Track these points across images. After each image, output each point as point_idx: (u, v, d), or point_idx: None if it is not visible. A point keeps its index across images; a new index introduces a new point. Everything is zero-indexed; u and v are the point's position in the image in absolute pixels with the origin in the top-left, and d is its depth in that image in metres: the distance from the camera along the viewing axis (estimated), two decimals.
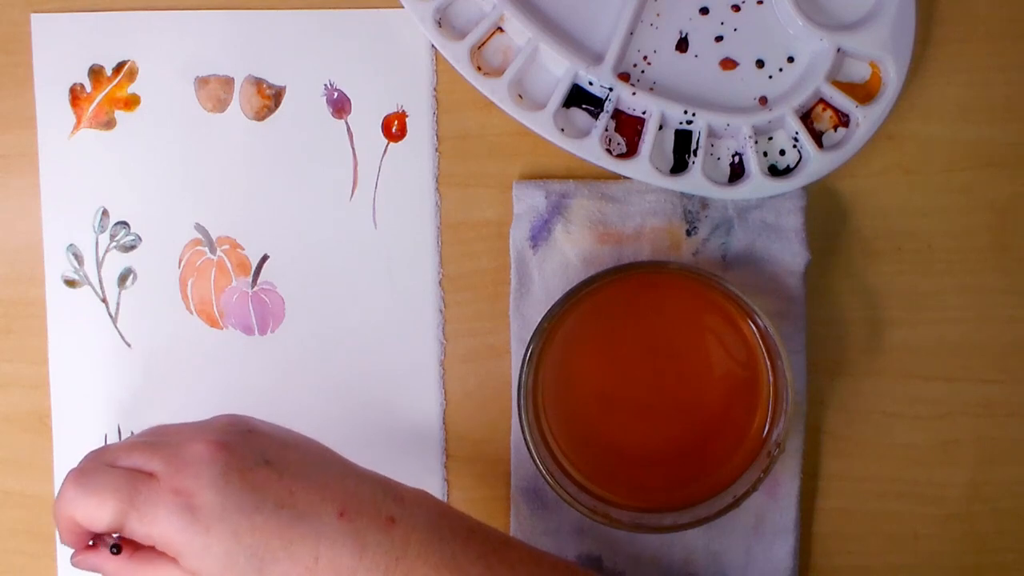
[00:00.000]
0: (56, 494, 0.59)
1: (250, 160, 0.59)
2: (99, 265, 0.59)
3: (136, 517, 0.46)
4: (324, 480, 0.48)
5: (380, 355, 0.59)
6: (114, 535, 0.48)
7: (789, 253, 0.57)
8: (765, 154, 0.58)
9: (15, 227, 0.59)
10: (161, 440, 0.49)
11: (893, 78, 0.57)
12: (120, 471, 0.47)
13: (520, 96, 0.58)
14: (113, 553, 0.47)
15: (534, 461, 0.55)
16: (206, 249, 0.59)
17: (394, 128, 0.59)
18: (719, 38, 0.58)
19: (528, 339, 0.54)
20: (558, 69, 0.57)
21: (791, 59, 0.58)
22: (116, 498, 0.46)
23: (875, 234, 0.59)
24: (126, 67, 0.59)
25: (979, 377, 0.60)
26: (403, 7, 0.57)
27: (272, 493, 0.47)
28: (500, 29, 0.58)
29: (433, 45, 0.58)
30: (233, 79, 0.59)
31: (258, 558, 0.46)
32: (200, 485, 0.46)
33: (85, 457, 0.49)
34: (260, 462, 0.47)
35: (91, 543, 0.49)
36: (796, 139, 0.57)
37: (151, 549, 0.47)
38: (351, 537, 0.47)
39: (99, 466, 0.48)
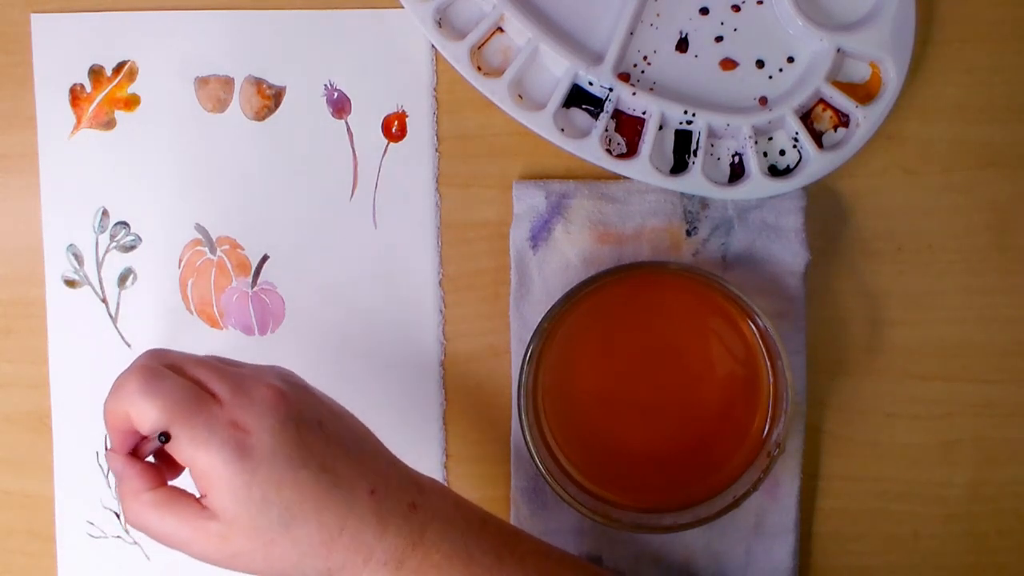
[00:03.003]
0: (55, 494, 0.59)
1: (250, 160, 0.59)
2: (99, 265, 0.59)
3: (189, 434, 0.46)
4: (362, 456, 0.48)
5: (380, 355, 0.59)
6: (161, 436, 0.47)
7: (789, 253, 0.57)
8: (765, 154, 0.58)
9: (15, 227, 0.59)
10: (227, 368, 0.49)
11: (893, 78, 0.57)
12: (187, 383, 0.47)
13: (520, 96, 0.58)
14: (161, 441, 0.46)
15: (534, 461, 0.55)
16: (206, 249, 0.59)
17: (394, 128, 0.59)
18: (719, 38, 0.58)
19: (528, 339, 0.54)
20: (558, 69, 0.57)
21: (791, 59, 0.58)
22: (177, 408, 0.46)
23: (875, 234, 0.59)
24: (126, 67, 0.59)
25: (979, 377, 0.60)
26: (403, 7, 0.57)
27: (319, 454, 0.47)
28: (500, 29, 0.58)
29: (433, 45, 0.58)
30: (233, 79, 0.59)
31: (290, 514, 0.46)
32: (260, 427, 0.46)
33: (146, 353, 0.49)
34: (315, 423, 0.48)
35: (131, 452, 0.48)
36: (796, 139, 0.57)
37: (175, 489, 0.47)
38: (376, 516, 0.47)
39: (164, 369, 0.47)
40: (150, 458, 0.49)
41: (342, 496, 0.47)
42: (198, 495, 0.47)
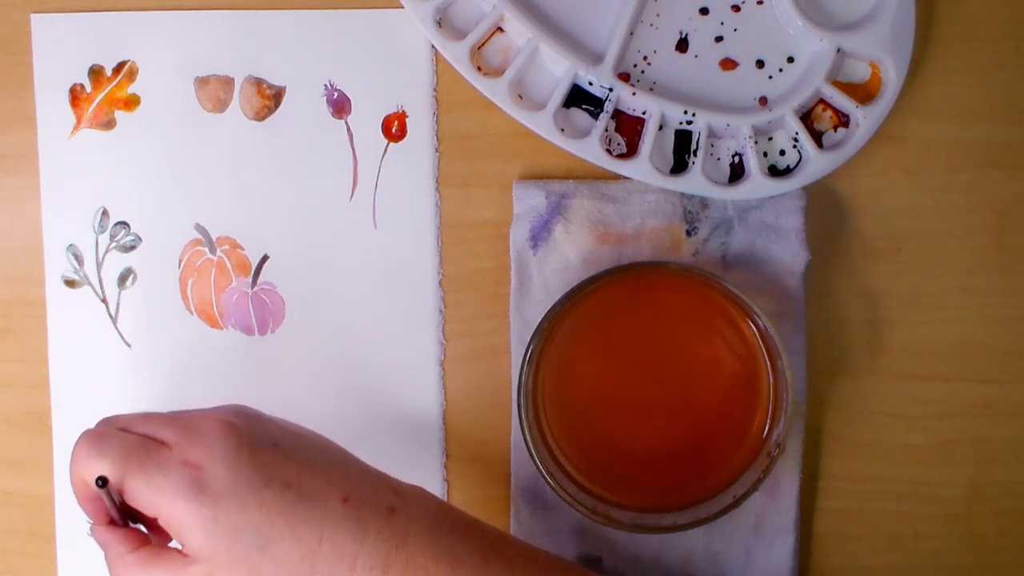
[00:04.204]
0: (55, 494, 0.59)
1: (250, 160, 0.59)
2: (99, 265, 0.59)
3: (144, 482, 0.46)
4: (328, 467, 0.48)
5: (380, 355, 0.59)
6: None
7: (789, 253, 0.57)
8: (765, 154, 0.58)
9: (15, 227, 0.59)
10: (174, 415, 0.49)
11: (893, 78, 0.57)
12: (133, 436, 0.48)
13: (520, 96, 0.58)
14: (98, 486, 0.46)
15: (534, 461, 0.55)
16: (206, 249, 0.59)
17: (394, 128, 0.59)
18: (719, 38, 0.58)
19: (528, 339, 0.54)
20: (558, 69, 0.57)
21: (791, 59, 0.58)
22: (126, 460, 0.46)
23: (875, 234, 0.59)
24: (126, 67, 0.59)
25: (979, 377, 0.60)
26: (403, 7, 0.57)
27: (280, 473, 0.47)
28: (500, 29, 0.58)
29: (433, 45, 0.58)
30: (233, 79, 0.59)
31: (263, 536, 0.46)
32: (211, 458, 0.46)
33: (99, 422, 0.50)
34: (269, 443, 0.48)
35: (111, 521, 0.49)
36: (796, 139, 0.57)
37: (157, 546, 0.48)
38: (353, 523, 0.47)
39: (112, 430, 0.48)
40: (141, 527, 0.49)
41: (313, 508, 0.47)
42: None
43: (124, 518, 0.49)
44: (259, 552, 0.46)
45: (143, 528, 0.49)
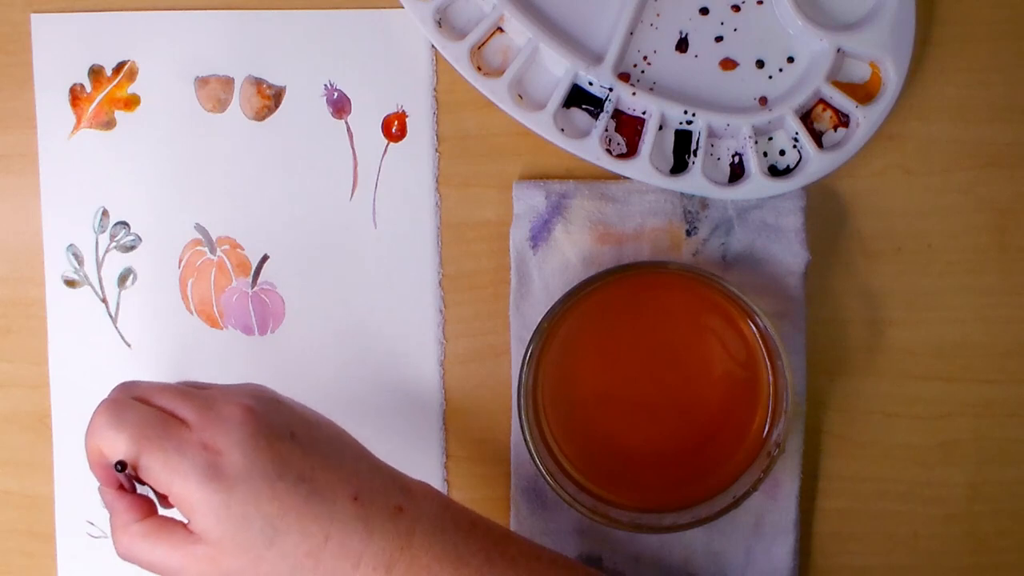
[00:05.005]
0: (55, 494, 0.59)
1: (250, 160, 0.59)
2: (99, 265, 0.59)
3: (161, 460, 0.46)
4: (341, 462, 0.48)
5: (380, 355, 0.59)
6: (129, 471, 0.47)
7: (789, 253, 0.57)
8: (765, 154, 0.58)
9: (15, 227, 0.59)
10: (194, 391, 0.49)
11: (893, 78, 0.57)
12: (152, 410, 0.47)
13: (520, 96, 0.58)
14: (118, 470, 0.46)
15: (534, 461, 0.55)
16: (206, 249, 0.59)
17: (394, 128, 0.59)
18: (719, 38, 0.58)
19: (528, 339, 0.54)
20: (558, 69, 0.57)
21: (791, 59, 0.58)
22: (144, 436, 0.46)
23: (875, 234, 0.59)
24: (126, 67, 0.59)
25: (979, 377, 0.60)
26: (403, 7, 0.57)
27: (295, 466, 0.47)
28: (500, 29, 0.58)
29: (433, 45, 0.58)
30: (233, 79, 0.59)
31: (272, 527, 0.46)
32: (229, 444, 0.46)
33: (116, 387, 0.49)
34: (287, 434, 0.48)
35: (121, 486, 0.49)
36: (796, 139, 0.57)
37: (162, 517, 0.48)
38: (361, 522, 0.47)
39: (131, 401, 0.48)
40: (148, 492, 0.49)
41: (323, 504, 0.47)
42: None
43: (133, 485, 0.48)
44: (266, 543, 0.46)
45: (152, 494, 0.49)
